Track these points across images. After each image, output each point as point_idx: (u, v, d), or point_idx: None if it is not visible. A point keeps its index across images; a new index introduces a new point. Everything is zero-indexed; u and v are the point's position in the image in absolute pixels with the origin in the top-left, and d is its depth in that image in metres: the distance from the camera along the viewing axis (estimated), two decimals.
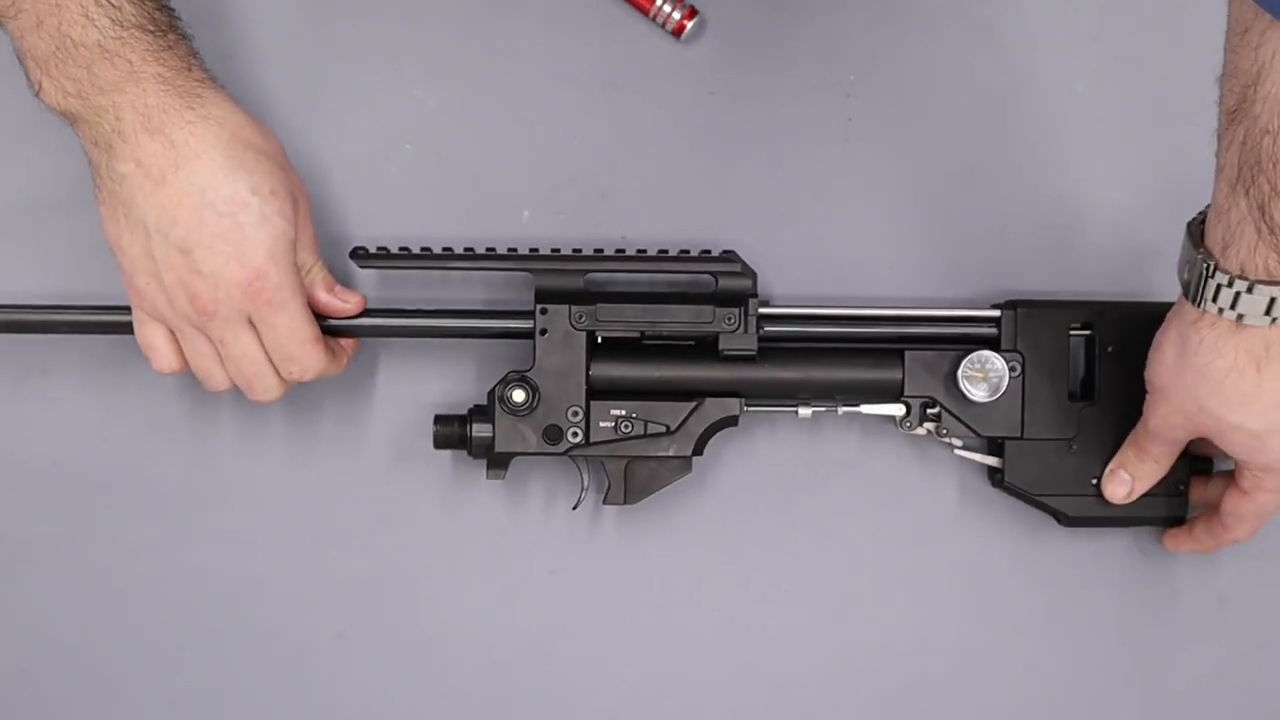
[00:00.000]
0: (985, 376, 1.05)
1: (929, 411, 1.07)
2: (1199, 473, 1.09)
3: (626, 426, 1.04)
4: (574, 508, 1.08)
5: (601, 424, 1.04)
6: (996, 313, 1.07)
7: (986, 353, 1.05)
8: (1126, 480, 1.06)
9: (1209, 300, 0.93)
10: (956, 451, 1.09)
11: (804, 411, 1.07)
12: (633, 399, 1.04)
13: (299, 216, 1.00)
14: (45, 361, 1.10)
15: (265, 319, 0.98)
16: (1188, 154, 1.12)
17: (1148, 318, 1.05)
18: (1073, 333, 1.08)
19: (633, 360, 1.04)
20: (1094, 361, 1.08)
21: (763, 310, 1.05)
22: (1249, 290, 0.91)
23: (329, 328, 1.03)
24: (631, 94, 1.11)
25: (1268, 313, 0.91)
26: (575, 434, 1.03)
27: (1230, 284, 0.92)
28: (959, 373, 1.05)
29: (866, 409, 1.07)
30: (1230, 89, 0.87)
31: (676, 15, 1.10)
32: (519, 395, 1.03)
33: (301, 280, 1.00)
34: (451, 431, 1.05)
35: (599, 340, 1.04)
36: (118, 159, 0.95)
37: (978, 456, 1.09)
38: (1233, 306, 0.92)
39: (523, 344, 1.05)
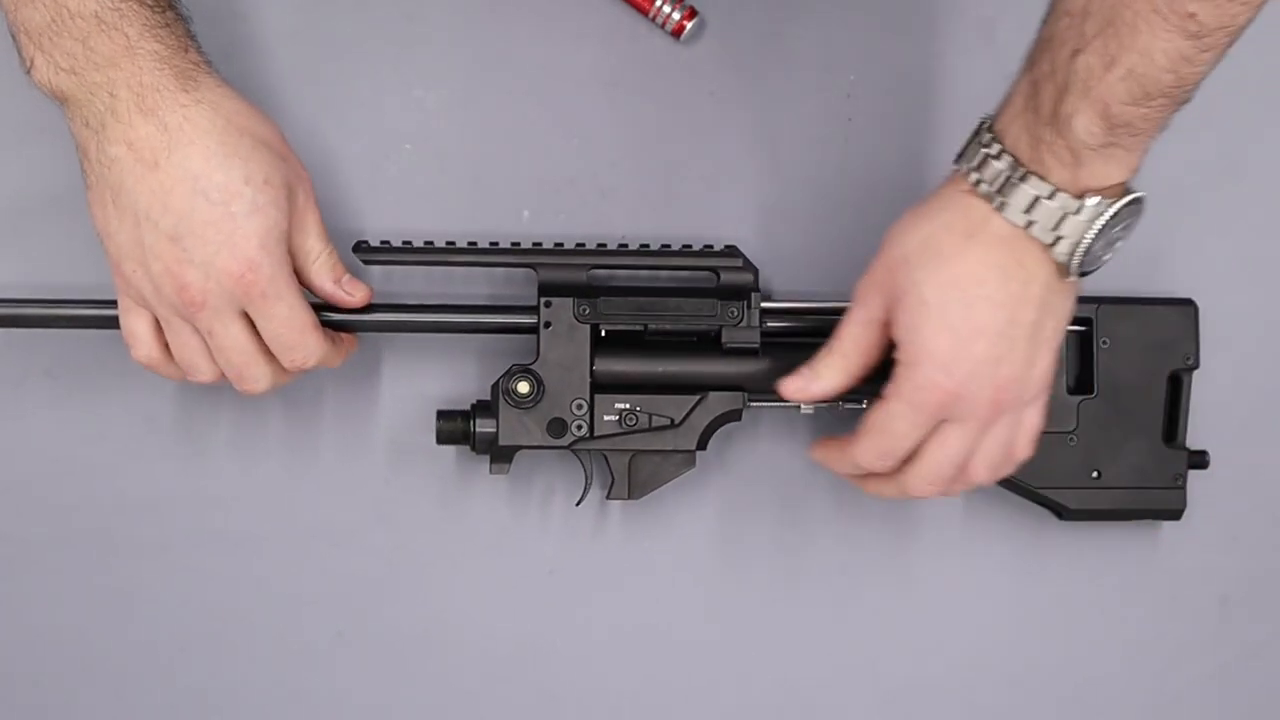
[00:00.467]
0: None
1: None
2: (1195, 466, 1.09)
3: (631, 420, 1.04)
4: (577, 503, 1.08)
5: (605, 417, 1.04)
6: None
7: None
8: (807, 374, 0.99)
9: (966, 155, 0.93)
10: None
11: (806, 407, 1.07)
12: (636, 393, 1.04)
13: (300, 203, 0.99)
14: (45, 361, 1.09)
15: (261, 310, 0.97)
16: (1188, 154, 1.13)
17: (1144, 313, 1.06)
18: (1069, 328, 1.09)
19: (636, 354, 1.05)
20: (1090, 356, 1.09)
21: (765, 304, 1.05)
22: (997, 156, 0.90)
23: (330, 322, 1.03)
24: (631, 94, 1.12)
25: (999, 190, 0.90)
26: (580, 427, 1.04)
27: (986, 144, 0.91)
28: None
29: (869, 404, 1.07)
30: None
31: (676, 16, 1.10)
32: (524, 387, 1.03)
33: (294, 268, 0.99)
34: (455, 427, 1.05)
35: (602, 334, 1.04)
36: (109, 140, 0.93)
37: None
38: (977, 169, 0.91)
39: (524, 342, 1.06)
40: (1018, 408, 0.96)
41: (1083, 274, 0.93)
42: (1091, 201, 0.89)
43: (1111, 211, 0.90)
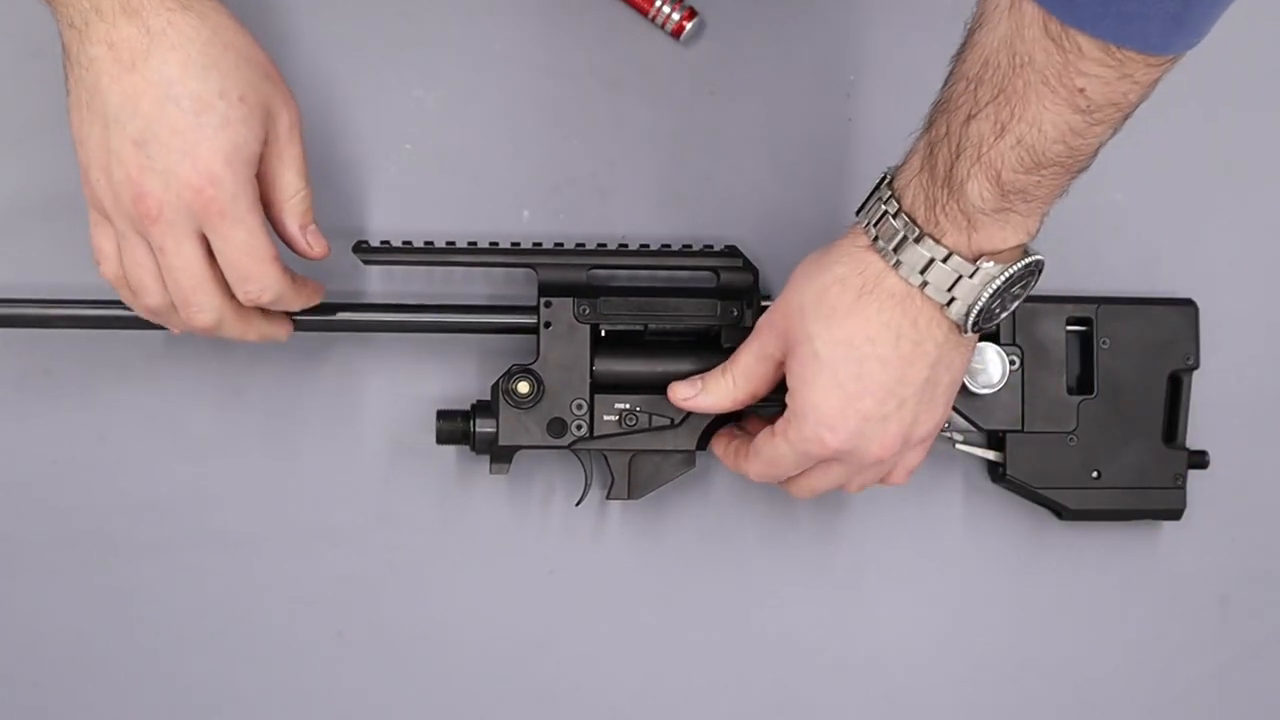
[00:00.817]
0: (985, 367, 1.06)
1: None
2: (1195, 466, 1.09)
3: (631, 420, 1.04)
4: (577, 503, 1.08)
5: (605, 417, 1.04)
6: None
7: (984, 345, 1.06)
8: (697, 386, 1.01)
9: (866, 210, 0.93)
10: (958, 446, 1.09)
11: None
12: (636, 393, 1.04)
13: (283, 132, 0.96)
14: (45, 361, 1.09)
15: (219, 230, 0.92)
16: (1188, 154, 1.13)
17: (1144, 313, 1.07)
18: (1069, 328, 1.09)
19: (636, 354, 1.05)
20: (1090, 356, 1.09)
21: (765, 304, 1.05)
22: (894, 215, 0.91)
23: (330, 321, 1.04)
24: (631, 94, 1.12)
25: (895, 248, 0.91)
26: (580, 427, 1.04)
27: (885, 200, 0.92)
28: None
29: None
30: (965, 30, 0.88)
31: (676, 16, 1.10)
32: (524, 387, 1.03)
33: (264, 201, 0.95)
34: (455, 427, 1.05)
35: (602, 334, 1.04)
36: (90, 40, 0.90)
37: (979, 450, 1.10)
38: (875, 223, 0.92)
39: (524, 342, 1.06)
40: (902, 454, 0.98)
41: (979, 330, 0.94)
42: (986, 265, 0.90)
43: (1005, 277, 0.90)
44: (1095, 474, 1.08)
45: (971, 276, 0.90)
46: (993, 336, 1.07)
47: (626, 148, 1.12)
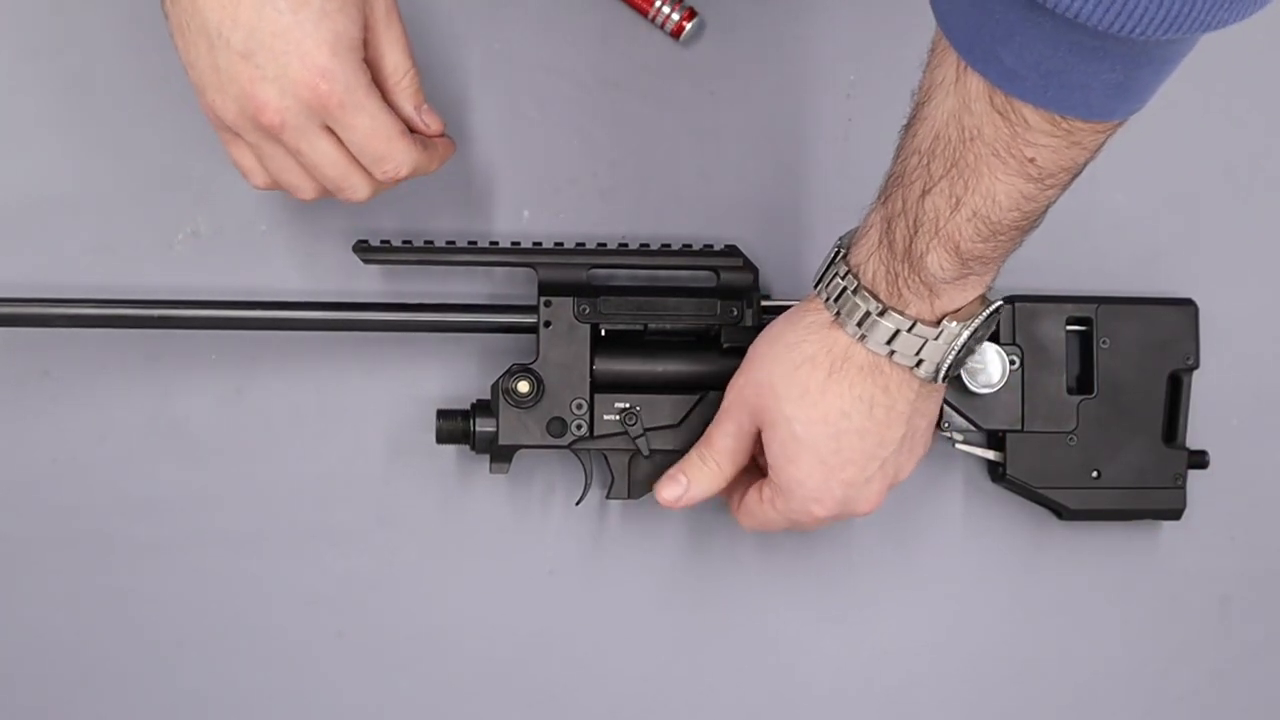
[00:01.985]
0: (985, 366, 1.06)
1: None
2: (1195, 466, 1.09)
3: (630, 420, 1.04)
4: (577, 503, 1.08)
5: (605, 417, 1.04)
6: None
7: (985, 345, 1.06)
8: (683, 483, 1.02)
9: (825, 284, 0.94)
10: (958, 446, 1.09)
11: None
12: (636, 392, 1.04)
13: (381, 15, 0.95)
14: (45, 361, 1.09)
15: (342, 122, 0.93)
16: (1188, 154, 1.13)
17: (1143, 313, 1.07)
18: (1069, 328, 1.09)
19: (636, 354, 1.05)
20: (1090, 356, 1.09)
21: (765, 303, 1.05)
22: (854, 291, 0.92)
23: (330, 321, 1.04)
24: (631, 94, 1.12)
25: (859, 324, 0.92)
26: (580, 426, 1.03)
27: (844, 276, 0.93)
28: None
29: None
30: (912, 102, 0.88)
31: (676, 16, 1.10)
32: (524, 386, 1.03)
33: (371, 80, 0.94)
34: (455, 426, 1.05)
35: (602, 333, 1.04)
36: None
37: (979, 450, 1.10)
38: (836, 299, 0.93)
39: (524, 341, 1.06)
40: (885, 495, 1.01)
41: (949, 378, 0.96)
42: (950, 325, 0.92)
43: (969, 332, 0.92)
44: (1095, 474, 1.08)
45: (937, 339, 0.92)
46: (993, 336, 1.07)
47: (626, 148, 1.12)
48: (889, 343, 0.92)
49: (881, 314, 0.91)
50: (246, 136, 0.95)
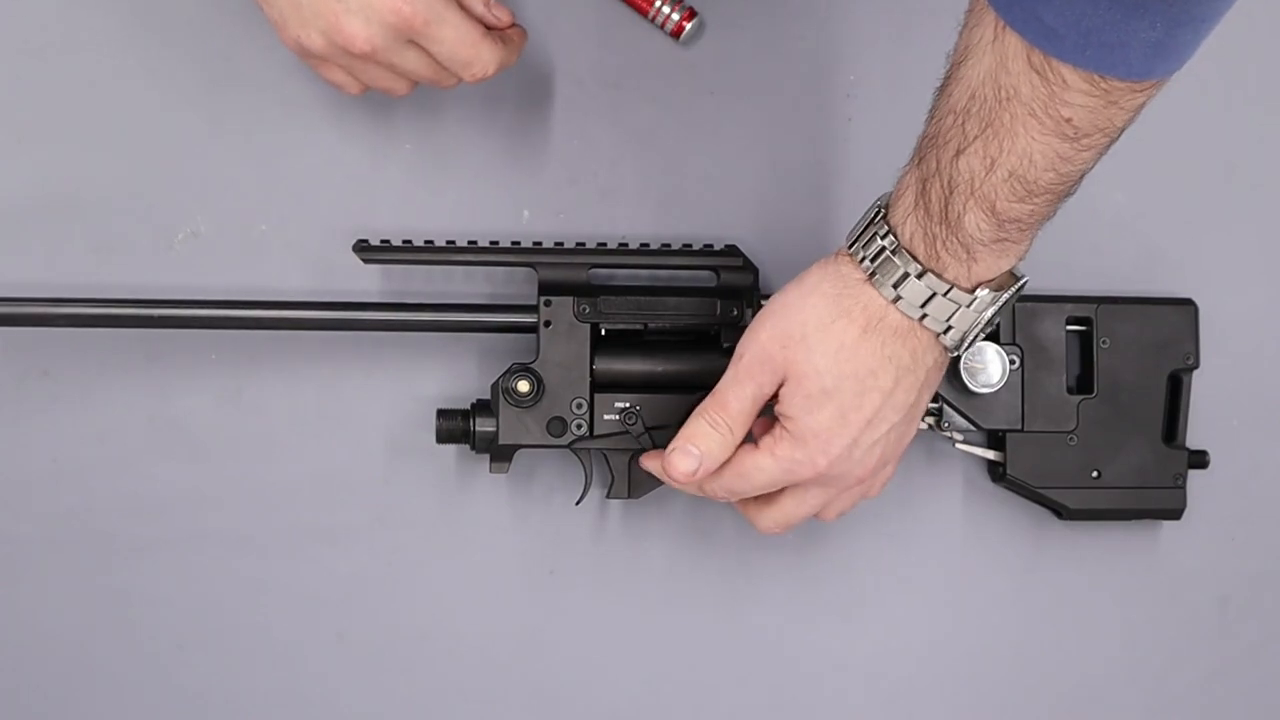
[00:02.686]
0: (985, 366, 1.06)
1: (930, 405, 1.07)
2: (1195, 466, 1.09)
3: (631, 419, 1.04)
4: (577, 503, 1.08)
5: (605, 416, 1.04)
6: None
7: (984, 344, 1.06)
8: (695, 454, 0.97)
9: (862, 243, 0.93)
10: (958, 446, 1.09)
11: None
12: (636, 392, 1.04)
13: None
14: (45, 361, 1.09)
15: (428, 36, 0.95)
16: (1188, 154, 1.13)
17: (1143, 313, 1.07)
18: (1069, 328, 1.09)
19: (636, 353, 1.05)
20: (1090, 356, 1.09)
21: (765, 303, 1.05)
22: (895, 252, 0.91)
23: (330, 321, 1.04)
24: (631, 94, 1.12)
25: (895, 285, 0.92)
26: (579, 426, 1.03)
27: (883, 236, 0.92)
28: (960, 365, 1.05)
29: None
30: (948, 64, 0.88)
31: (676, 16, 1.10)
32: (524, 386, 1.03)
33: None
34: (455, 426, 1.05)
35: (602, 333, 1.05)
36: None
37: (979, 450, 1.10)
38: (874, 259, 0.92)
39: (524, 341, 1.06)
40: (876, 472, 0.99)
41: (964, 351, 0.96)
42: (982, 293, 0.92)
43: (1000, 302, 0.92)
44: (1095, 474, 1.08)
45: (969, 306, 0.92)
46: (993, 336, 1.07)
47: (626, 148, 1.12)
48: (923, 305, 0.91)
49: (920, 276, 0.91)
50: (339, 62, 0.98)
